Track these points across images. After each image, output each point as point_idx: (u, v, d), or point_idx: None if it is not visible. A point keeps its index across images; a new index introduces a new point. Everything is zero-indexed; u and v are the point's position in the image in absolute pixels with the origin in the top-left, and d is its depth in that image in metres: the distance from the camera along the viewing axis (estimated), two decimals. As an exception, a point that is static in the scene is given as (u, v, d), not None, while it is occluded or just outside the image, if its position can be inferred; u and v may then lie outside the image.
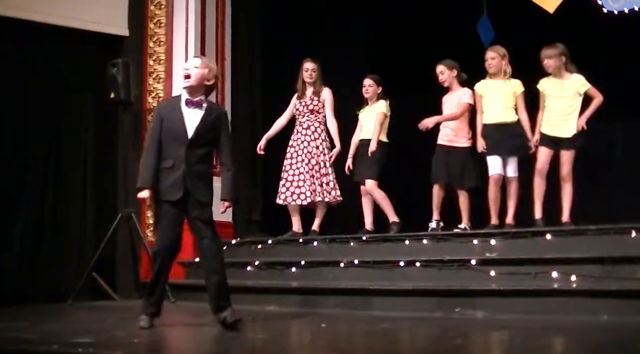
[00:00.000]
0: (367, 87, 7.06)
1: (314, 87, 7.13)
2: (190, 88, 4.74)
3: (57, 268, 6.90)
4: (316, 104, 7.10)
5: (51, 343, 3.98)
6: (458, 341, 4.15)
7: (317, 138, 7.07)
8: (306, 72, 7.12)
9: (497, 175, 6.31)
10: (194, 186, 4.67)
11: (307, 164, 6.98)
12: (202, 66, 4.76)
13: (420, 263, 5.76)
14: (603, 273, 5.06)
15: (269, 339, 4.35)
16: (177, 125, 4.70)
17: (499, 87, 6.41)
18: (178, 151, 4.67)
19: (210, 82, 4.80)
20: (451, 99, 6.70)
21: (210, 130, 4.74)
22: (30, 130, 6.94)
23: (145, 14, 7.69)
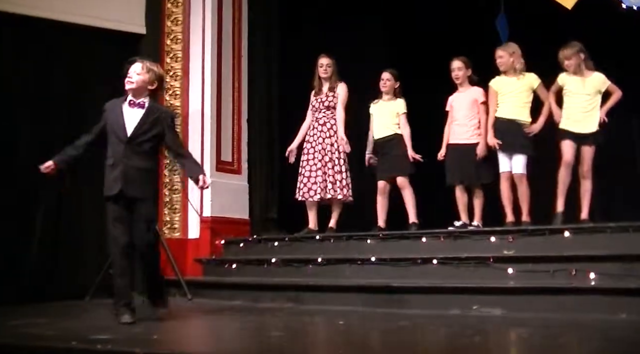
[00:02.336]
0: (385, 80, 7.04)
1: (330, 83, 7.14)
2: (132, 91, 5.06)
3: (75, 265, 6.91)
4: (331, 100, 7.11)
5: (70, 340, 4.00)
6: (476, 339, 4.14)
7: (332, 135, 7.08)
8: (321, 68, 7.14)
9: (506, 172, 6.33)
10: (131, 182, 4.89)
11: (320, 160, 7.00)
12: (142, 72, 5.08)
13: (438, 261, 5.75)
14: (622, 271, 5.04)
15: (286, 337, 4.36)
16: (118, 123, 5.01)
17: (513, 84, 6.41)
18: (118, 148, 4.96)
19: (153, 86, 5.11)
20: (463, 97, 6.70)
21: (150, 129, 4.99)
22: (49, 127, 6.96)
23: (162, 12, 7.70)
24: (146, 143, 4.96)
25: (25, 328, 4.65)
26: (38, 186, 6.85)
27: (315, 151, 7.05)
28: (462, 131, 6.63)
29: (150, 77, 5.08)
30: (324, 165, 6.98)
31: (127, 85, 5.05)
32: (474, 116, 6.62)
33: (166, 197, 7.53)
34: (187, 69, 7.63)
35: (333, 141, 7.05)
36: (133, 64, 5.14)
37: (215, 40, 7.62)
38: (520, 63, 6.42)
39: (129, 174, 4.88)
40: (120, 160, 4.91)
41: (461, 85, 6.73)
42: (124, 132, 4.95)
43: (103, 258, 6.90)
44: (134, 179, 4.88)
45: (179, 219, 7.49)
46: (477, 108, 6.62)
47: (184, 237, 7.43)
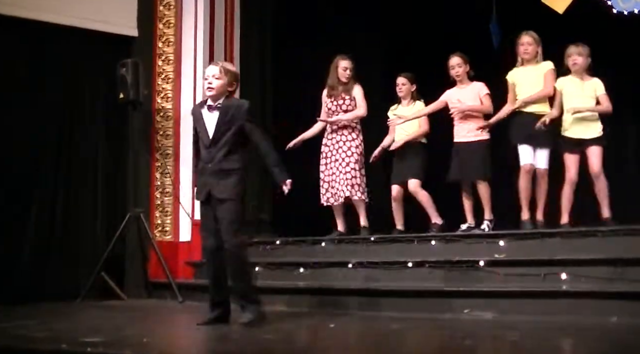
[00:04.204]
0: (401, 85, 6.91)
1: (347, 86, 6.93)
2: (213, 97, 4.95)
3: (67, 267, 6.92)
4: (349, 103, 6.88)
5: (60, 342, 4.00)
6: (467, 342, 4.14)
7: (354, 139, 6.87)
8: (344, 71, 6.90)
9: (528, 165, 6.10)
10: (215, 184, 4.84)
11: (340, 163, 6.80)
12: (221, 76, 4.93)
13: (429, 264, 5.75)
14: (613, 274, 5.04)
15: (277, 340, 4.35)
16: (202, 129, 4.95)
17: (531, 73, 6.23)
18: (204, 153, 4.94)
19: (232, 88, 5.01)
20: (463, 93, 6.56)
21: (229, 128, 4.88)
22: (41, 130, 6.96)
23: (154, 15, 7.70)
24: (228, 143, 4.87)
25: (16, 329, 4.64)
26: (31, 187, 6.86)
27: (334, 155, 6.86)
28: (465, 128, 6.48)
29: (229, 79, 4.97)
30: (345, 166, 6.76)
31: (208, 91, 4.93)
32: (478, 114, 6.49)
33: (157, 200, 7.53)
34: (179, 72, 7.62)
35: (357, 144, 6.85)
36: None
37: (207, 43, 7.61)
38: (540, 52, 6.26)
39: (215, 177, 4.84)
40: (206, 164, 4.90)
41: (461, 81, 6.59)
42: (207, 137, 4.91)
43: (95, 260, 6.91)
44: (219, 181, 4.82)
45: (170, 221, 7.48)
46: (481, 103, 6.49)
47: (175, 240, 7.42)
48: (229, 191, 4.82)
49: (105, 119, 7.43)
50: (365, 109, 6.87)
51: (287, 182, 4.93)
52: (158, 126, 7.58)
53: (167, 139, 7.57)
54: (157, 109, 7.60)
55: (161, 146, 7.55)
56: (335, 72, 6.95)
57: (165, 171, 7.48)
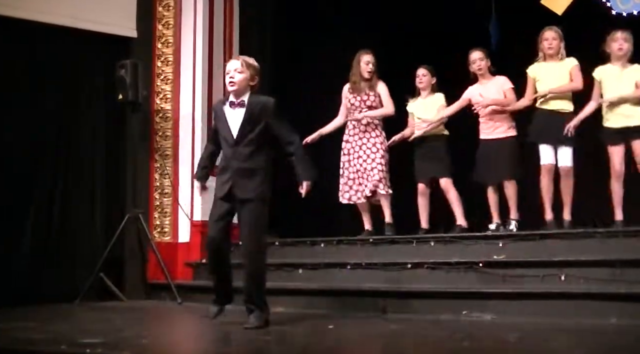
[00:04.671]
0: (421, 76, 6.80)
1: (371, 81, 6.83)
2: (235, 92, 4.85)
3: (66, 268, 6.90)
4: (373, 100, 6.79)
5: (59, 343, 3.99)
6: (466, 344, 4.14)
7: (378, 135, 6.79)
8: (367, 65, 6.80)
9: (549, 164, 6.01)
10: (238, 184, 4.76)
11: (364, 160, 6.73)
12: (243, 70, 4.84)
13: (428, 265, 5.76)
14: (612, 276, 5.05)
15: (276, 341, 4.35)
16: (224, 127, 4.85)
17: (554, 69, 6.13)
18: (227, 152, 4.83)
19: (254, 82, 4.89)
20: (486, 88, 6.45)
21: (255, 126, 4.80)
22: (39, 131, 6.95)
23: (153, 16, 7.70)
24: (254, 141, 4.78)
25: (14, 331, 4.63)
26: (30, 187, 6.85)
27: (356, 152, 6.80)
28: (491, 125, 6.39)
29: (251, 73, 4.85)
30: (370, 163, 6.68)
31: (230, 86, 4.84)
32: (503, 109, 6.37)
33: (156, 200, 7.52)
34: (178, 73, 7.62)
35: (381, 140, 6.76)
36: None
37: (206, 44, 7.61)
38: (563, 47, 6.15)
39: (239, 176, 4.76)
40: (229, 163, 4.80)
41: (483, 76, 6.49)
42: (231, 136, 4.80)
43: (94, 261, 6.91)
44: (244, 181, 4.75)
45: (169, 222, 7.48)
46: (505, 97, 6.39)
47: (174, 241, 7.42)
48: (253, 191, 4.75)
49: (104, 120, 7.41)
50: (393, 107, 6.81)
51: (305, 184, 4.87)
52: (157, 127, 7.58)
53: (166, 140, 7.56)
54: (156, 110, 7.60)
55: (160, 147, 7.55)
56: (358, 67, 6.85)
57: (165, 171, 7.48)
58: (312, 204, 7.02)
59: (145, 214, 7.24)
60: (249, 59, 4.97)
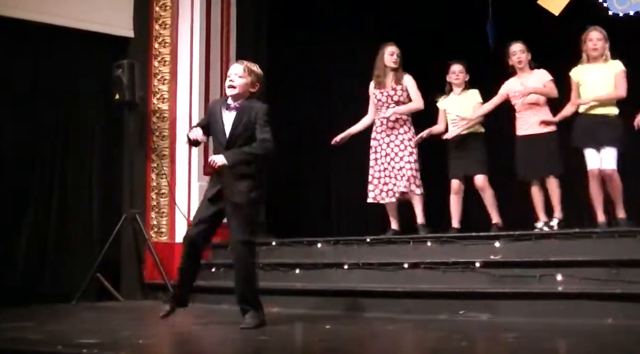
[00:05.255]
0: (458, 73, 6.66)
1: (396, 75, 6.64)
2: (233, 96, 4.84)
3: (62, 268, 6.90)
4: (400, 94, 6.60)
5: (55, 344, 3.99)
6: (463, 344, 4.14)
7: (407, 132, 6.61)
8: (391, 56, 6.62)
9: (596, 170, 5.86)
10: (229, 187, 4.74)
11: (392, 158, 6.57)
12: (244, 75, 4.83)
13: (425, 265, 5.75)
14: (608, 276, 5.06)
15: (272, 341, 4.35)
16: (218, 127, 4.84)
17: (598, 72, 5.94)
18: (220, 152, 4.78)
19: (254, 89, 4.87)
20: (525, 82, 6.28)
21: (245, 130, 4.78)
22: (36, 131, 6.95)
23: (150, 16, 7.70)
24: (245, 146, 4.75)
25: (11, 331, 4.62)
26: (27, 187, 6.85)
27: (384, 149, 6.62)
28: (529, 121, 6.24)
29: (252, 80, 4.84)
30: (399, 162, 6.52)
31: (229, 90, 4.83)
32: (543, 103, 6.23)
33: (153, 201, 7.52)
34: (175, 73, 7.61)
35: (410, 136, 6.58)
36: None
37: (203, 44, 7.61)
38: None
39: (230, 179, 4.74)
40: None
41: (522, 70, 6.33)
42: (224, 137, 4.79)
43: (90, 261, 6.90)
44: (234, 184, 4.73)
45: (166, 223, 7.48)
46: (552, 86, 6.21)
47: (171, 241, 7.41)
48: (244, 195, 4.73)
49: (101, 120, 7.41)
50: (422, 101, 6.62)
51: (219, 158, 4.69)
52: (154, 127, 7.58)
53: (163, 140, 7.56)
54: (153, 110, 7.60)
55: (157, 147, 7.54)
56: (382, 60, 6.68)
57: (161, 172, 7.47)
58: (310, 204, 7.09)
59: (142, 214, 7.25)
60: (253, 65, 4.94)
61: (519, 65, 6.34)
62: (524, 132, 6.28)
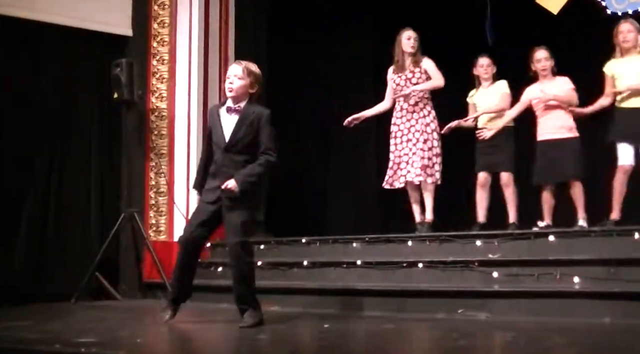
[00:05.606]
0: (486, 67, 6.63)
1: (414, 58, 6.57)
2: (233, 98, 4.83)
3: (61, 267, 6.90)
4: (419, 76, 6.53)
5: (54, 343, 3.99)
6: (461, 342, 4.14)
7: (426, 115, 6.51)
8: (408, 40, 6.55)
9: (628, 165, 5.78)
10: (229, 191, 4.71)
11: (414, 144, 6.44)
12: (243, 76, 4.81)
13: (423, 264, 5.76)
14: (607, 275, 5.06)
15: (271, 340, 4.35)
16: (217, 131, 4.82)
17: (633, 63, 5.87)
18: (218, 157, 4.80)
19: (253, 90, 4.85)
20: (547, 88, 6.25)
21: (247, 134, 4.76)
22: (34, 130, 6.95)
23: (149, 14, 7.68)
24: (245, 150, 4.75)
25: (9, 330, 4.62)
26: (25, 187, 6.84)
27: (405, 135, 6.51)
28: (551, 125, 6.19)
29: (252, 80, 4.81)
30: (420, 148, 6.40)
31: (228, 92, 4.81)
32: (566, 109, 6.18)
33: (152, 199, 7.52)
34: (173, 72, 7.60)
35: (429, 121, 6.49)
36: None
37: (202, 43, 7.60)
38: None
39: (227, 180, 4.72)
40: (220, 169, 4.78)
41: (545, 76, 6.28)
42: (223, 140, 4.78)
43: (89, 260, 6.90)
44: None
45: (164, 221, 7.47)
46: (574, 95, 6.18)
47: (170, 240, 7.40)
48: (242, 198, 4.72)
49: (100, 118, 7.41)
50: (442, 78, 6.51)
51: (232, 182, 4.68)
52: (152, 126, 7.57)
53: (162, 139, 7.56)
54: (152, 109, 7.59)
55: (156, 145, 7.54)
56: (400, 45, 6.62)
57: (160, 170, 7.47)
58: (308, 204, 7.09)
59: (140, 213, 7.24)
60: (252, 65, 4.92)
61: (542, 72, 6.29)
62: (544, 137, 6.24)
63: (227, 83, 4.86)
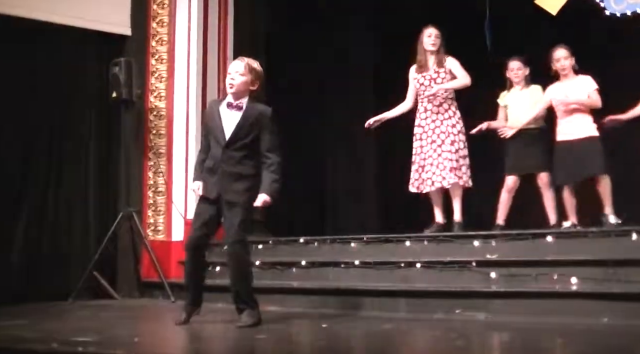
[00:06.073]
0: (516, 70, 6.52)
1: (437, 57, 6.44)
2: (233, 94, 4.83)
3: (59, 266, 6.89)
4: (444, 76, 6.40)
5: (51, 342, 3.99)
6: (459, 343, 4.15)
7: (451, 116, 6.39)
8: (429, 38, 6.41)
9: None
10: (226, 187, 4.74)
11: (439, 145, 6.32)
12: (244, 72, 4.82)
13: (421, 264, 5.75)
14: (604, 275, 5.06)
15: (269, 340, 4.35)
16: (217, 127, 4.82)
17: None
18: (217, 152, 4.80)
19: (254, 87, 4.86)
20: (569, 87, 6.19)
21: (249, 132, 4.77)
22: (33, 129, 6.94)
23: (147, 14, 7.68)
24: (245, 147, 4.76)
25: (6, 329, 4.62)
26: (22, 186, 6.84)
27: (429, 136, 6.37)
28: (572, 125, 6.13)
29: (253, 77, 4.83)
30: (446, 150, 6.29)
31: (229, 88, 4.82)
32: (586, 109, 6.12)
33: (150, 199, 7.51)
34: (172, 71, 7.60)
35: (454, 122, 6.37)
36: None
37: (200, 42, 7.60)
38: None
39: (227, 180, 4.74)
40: (219, 165, 4.78)
41: (566, 76, 6.21)
42: (223, 137, 4.78)
43: (87, 259, 6.90)
44: (231, 185, 4.73)
45: (163, 221, 7.47)
46: (597, 96, 6.09)
47: (168, 239, 7.41)
48: (240, 196, 4.73)
49: (98, 118, 7.40)
50: (468, 77, 6.37)
51: (262, 197, 4.75)
52: (151, 125, 7.57)
53: (160, 138, 7.55)
54: (150, 108, 7.59)
55: (154, 145, 7.53)
56: (422, 43, 6.48)
57: (158, 170, 7.47)
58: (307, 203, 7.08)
59: (139, 212, 7.24)
60: (253, 62, 4.93)
61: (562, 72, 6.22)
62: (565, 138, 6.18)
63: (228, 79, 4.87)
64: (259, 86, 4.93)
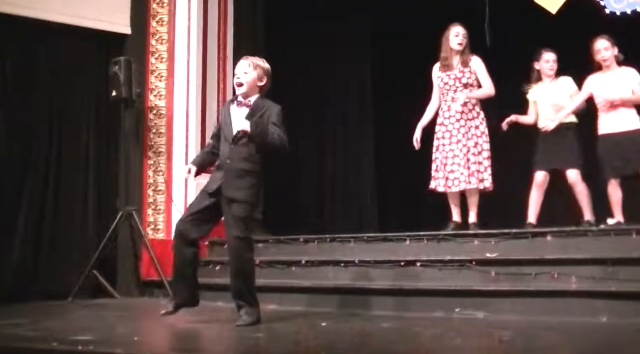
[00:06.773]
0: (552, 62, 6.36)
1: (462, 56, 6.34)
2: (243, 94, 4.87)
3: (58, 265, 6.90)
4: (469, 76, 6.30)
5: (51, 341, 3.98)
6: (458, 341, 4.15)
7: (475, 117, 6.30)
8: (456, 37, 6.32)
9: None
10: (228, 183, 4.76)
11: (464, 145, 6.23)
12: (250, 70, 4.86)
13: (421, 263, 5.76)
14: (603, 274, 5.07)
15: (269, 339, 4.35)
16: (226, 124, 4.87)
17: None
18: (224, 149, 4.84)
19: (262, 83, 4.90)
20: (612, 80, 6.07)
21: (256, 127, 4.76)
22: (32, 128, 6.94)
23: (147, 13, 7.68)
24: (252, 144, 4.79)
25: (6, 328, 4.62)
26: (22, 185, 6.84)
27: (453, 135, 6.28)
28: (616, 118, 5.99)
29: (259, 74, 4.88)
30: (468, 151, 6.21)
31: (238, 88, 4.87)
32: (629, 101, 5.97)
33: (150, 197, 7.51)
34: (172, 70, 7.59)
35: (477, 123, 6.28)
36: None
37: (200, 41, 7.60)
38: None
39: (231, 175, 4.76)
40: (224, 161, 4.81)
41: (608, 67, 6.07)
42: (230, 132, 4.82)
43: (86, 258, 6.90)
44: (235, 181, 4.75)
45: (162, 220, 7.47)
46: (632, 92, 5.97)
47: (168, 238, 7.39)
48: (241, 192, 4.75)
49: (98, 117, 7.41)
50: (493, 87, 6.29)
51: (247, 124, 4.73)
52: (151, 124, 7.57)
53: (160, 137, 7.55)
54: (150, 107, 7.59)
55: (154, 144, 7.53)
56: (447, 41, 6.39)
57: (158, 168, 7.47)
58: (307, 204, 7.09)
59: (138, 211, 7.23)
60: (258, 59, 4.97)
61: (603, 63, 6.10)
62: (607, 131, 6.04)
63: (235, 79, 4.91)
64: (267, 82, 4.96)
